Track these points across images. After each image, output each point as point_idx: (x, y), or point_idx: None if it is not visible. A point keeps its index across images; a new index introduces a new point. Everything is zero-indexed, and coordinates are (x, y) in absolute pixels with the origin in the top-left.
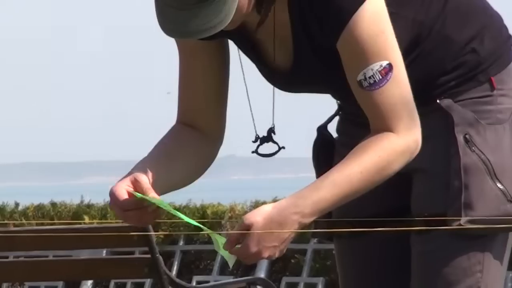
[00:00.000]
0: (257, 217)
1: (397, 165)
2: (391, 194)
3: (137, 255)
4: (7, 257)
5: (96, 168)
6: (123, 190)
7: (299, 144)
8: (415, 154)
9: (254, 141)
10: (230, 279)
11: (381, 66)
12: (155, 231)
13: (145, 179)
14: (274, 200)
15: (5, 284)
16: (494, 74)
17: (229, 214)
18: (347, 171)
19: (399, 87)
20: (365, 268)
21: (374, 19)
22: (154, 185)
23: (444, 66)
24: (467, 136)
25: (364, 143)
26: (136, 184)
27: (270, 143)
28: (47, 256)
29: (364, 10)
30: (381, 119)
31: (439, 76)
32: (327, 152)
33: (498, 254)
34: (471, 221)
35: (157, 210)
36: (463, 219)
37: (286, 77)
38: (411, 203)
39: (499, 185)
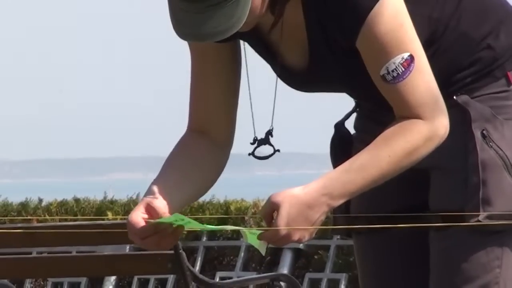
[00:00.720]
0: (285, 197)
1: (424, 150)
2: (409, 191)
3: (160, 251)
4: (30, 253)
5: (120, 164)
6: (139, 218)
7: (324, 140)
8: (443, 139)
9: (252, 143)
10: (253, 275)
11: (402, 58)
12: None
13: (160, 204)
14: None
15: (28, 280)
16: (510, 69)
17: (253, 210)
18: (376, 155)
19: (423, 76)
20: (384, 265)
21: (392, 13)
22: (170, 205)
23: (460, 63)
24: (484, 131)
25: (392, 128)
26: (151, 210)
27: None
28: (70, 252)
29: (381, 5)
30: (408, 108)
31: (455, 73)
32: (344, 149)
33: None
34: (489, 217)
35: (176, 230)
36: (482, 215)
37: (301, 78)
38: (429, 200)
39: None
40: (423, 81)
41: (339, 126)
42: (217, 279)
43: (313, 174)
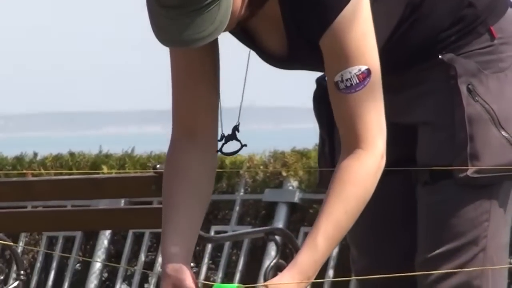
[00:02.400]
0: None
1: (373, 187)
2: (397, 146)
3: (155, 205)
4: (25, 207)
5: (115, 118)
6: None
7: None
8: (383, 167)
9: (219, 140)
10: (248, 229)
11: (359, 70)
12: None
13: (189, 283)
14: (293, 150)
15: (23, 234)
16: (493, 24)
17: (248, 164)
18: (335, 219)
19: (374, 94)
20: (372, 219)
21: (358, 21)
22: (189, 255)
23: (443, 24)
24: (470, 86)
25: (340, 178)
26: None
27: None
28: (65, 206)
29: (350, 11)
30: (351, 127)
31: (439, 33)
32: (327, 103)
33: (504, 203)
34: (477, 171)
35: None
36: (470, 170)
37: (282, 61)
38: (417, 155)
39: (504, 133)
40: (373, 100)
41: (320, 81)
42: (212, 233)
43: (310, 128)
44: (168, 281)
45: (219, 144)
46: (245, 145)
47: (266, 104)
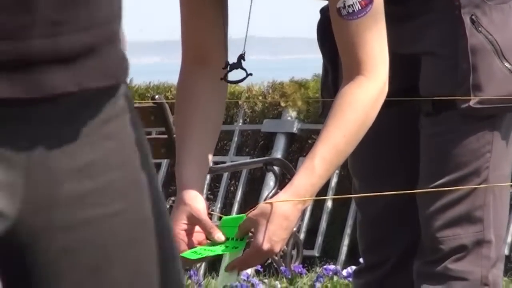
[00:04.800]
0: (260, 217)
1: (374, 113)
2: (400, 78)
3: (154, 136)
4: None
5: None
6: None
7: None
8: (385, 95)
9: (224, 68)
10: (247, 159)
11: None
12: (172, 112)
13: (202, 214)
14: (291, 81)
15: None
16: None
17: (246, 95)
18: (332, 142)
19: (376, 22)
20: (373, 150)
21: None
22: (202, 183)
23: None
24: (473, 17)
25: (340, 101)
26: (195, 220)
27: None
28: None
29: None
30: (353, 54)
31: None
32: (331, 33)
33: (506, 135)
34: (480, 102)
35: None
36: (473, 100)
37: None
38: (420, 85)
39: (506, 64)
40: (375, 28)
41: (325, 11)
42: (211, 164)
43: (309, 59)
44: (183, 209)
45: (224, 72)
46: (251, 74)
47: (265, 34)
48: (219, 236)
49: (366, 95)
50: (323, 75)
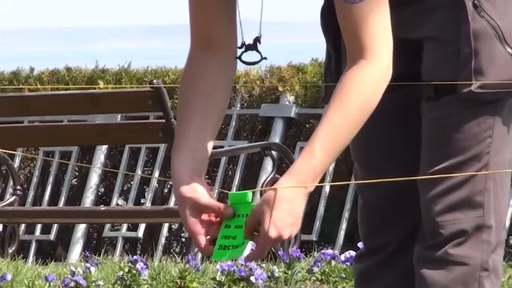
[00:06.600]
0: (264, 205)
1: (377, 97)
2: (402, 63)
3: (151, 120)
4: (22, 122)
5: (112, 33)
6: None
7: (317, 9)
8: (389, 79)
9: (240, 47)
10: (245, 144)
11: None
12: (169, 97)
13: (205, 197)
14: (289, 65)
15: (20, 148)
16: None
17: (244, 79)
18: (333, 126)
19: (380, 6)
20: (373, 134)
21: None
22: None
23: None
24: (476, 2)
25: (342, 86)
26: (200, 209)
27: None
28: (61, 121)
29: None
30: (356, 38)
31: None
32: (334, 17)
33: (507, 120)
34: (481, 86)
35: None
36: (474, 85)
37: None
38: (422, 69)
39: (508, 49)
40: (379, 12)
41: None
42: None
43: (306, 43)
44: (184, 205)
45: (239, 52)
46: (265, 58)
47: (263, 17)
48: (228, 209)
49: (368, 78)
50: (326, 60)
